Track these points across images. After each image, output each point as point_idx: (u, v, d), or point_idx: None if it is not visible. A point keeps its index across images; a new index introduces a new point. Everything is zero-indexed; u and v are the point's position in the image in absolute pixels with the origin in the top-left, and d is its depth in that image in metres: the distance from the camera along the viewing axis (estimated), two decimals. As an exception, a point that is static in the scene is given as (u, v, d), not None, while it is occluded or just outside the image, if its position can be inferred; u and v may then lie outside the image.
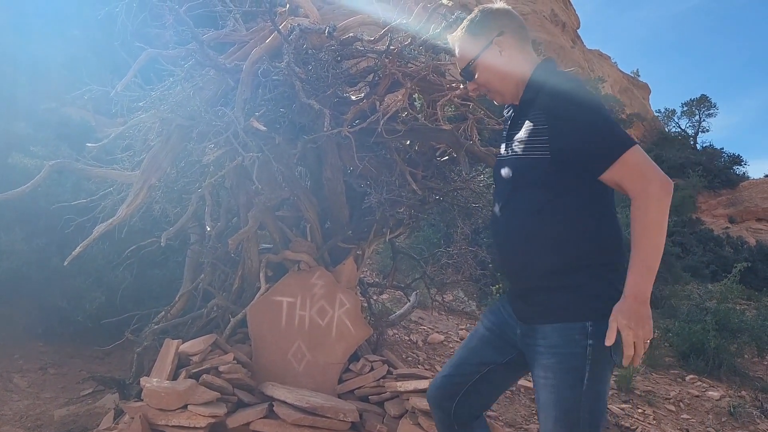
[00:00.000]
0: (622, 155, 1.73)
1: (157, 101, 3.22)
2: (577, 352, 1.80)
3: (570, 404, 1.82)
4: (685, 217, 21.93)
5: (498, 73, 1.95)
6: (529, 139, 1.85)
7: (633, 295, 1.71)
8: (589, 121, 1.77)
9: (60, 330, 4.59)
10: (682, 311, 8.97)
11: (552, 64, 2.00)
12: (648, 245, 1.73)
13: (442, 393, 2.16)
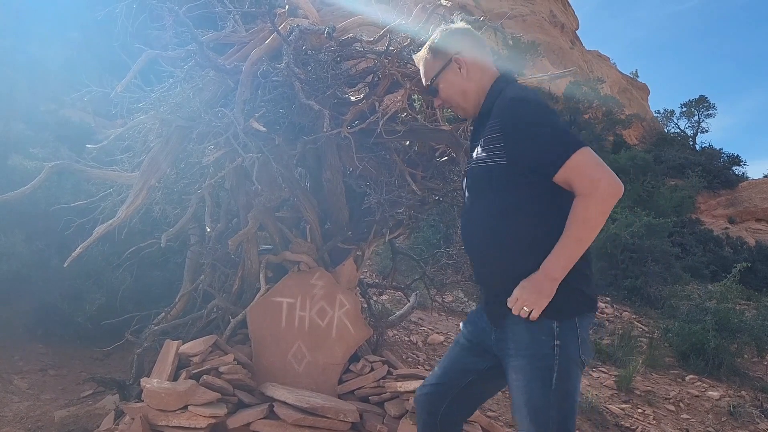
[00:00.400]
0: (571, 156, 1.80)
1: (157, 102, 3.22)
2: (545, 353, 1.87)
3: (540, 403, 1.88)
4: (684, 217, 21.91)
5: (458, 89, 2.07)
6: (487, 147, 1.93)
7: (543, 271, 1.83)
8: (540, 125, 1.85)
9: (60, 331, 4.59)
10: (682, 311, 8.96)
11: (509, 76, 2.11)
12: (575, 236, 1.81)
13: (432, 398, 2.21)
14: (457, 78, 2.06)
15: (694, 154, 37.59)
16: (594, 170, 1.80)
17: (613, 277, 11.40)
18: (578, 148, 1.80)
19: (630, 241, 11.36)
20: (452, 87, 2.08)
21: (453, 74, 2.06)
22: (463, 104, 2.10)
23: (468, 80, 2.05)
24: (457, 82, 2.06)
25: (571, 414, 1.92)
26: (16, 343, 4.48)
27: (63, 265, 3.26)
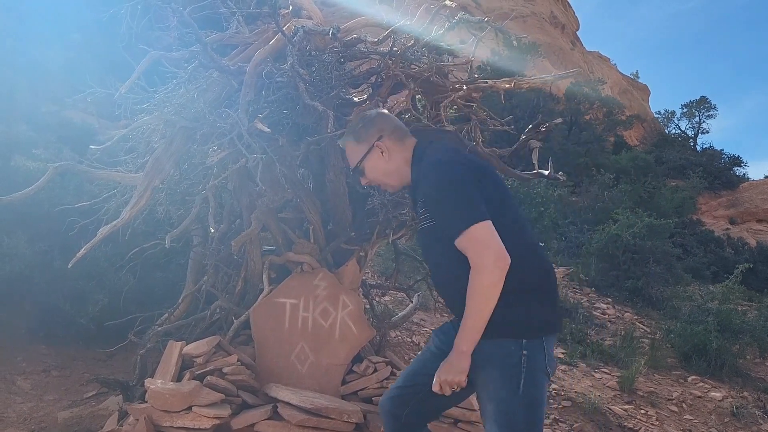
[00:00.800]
0: (467, 229, 2.00)
1: (161, 103, 3.21)
2: (513, 362, 2.01)
3: (508, 409, 2.02)
4: (685, 218, 21.91)
5: (382, 171, 2.31)
6: (422, 212, 2.18)
7: (456, 348, 2.03)
8: (446, 196, 2.07)
9: (63, 332, 4.59)
10: (684, 312, 8.97)
11: (425, 143, 2.32)
12: (474, 309, 2.00)
13: (395, 402, 2.35)
14: (381, 161, 2.28)
15: (695, 154, 37.62)
16: (483, 246, 1.99)
17: (615, 278, 11.39)
18: (474, 222, 2.00)
19: (631, 241, 11.34)
20: (377, 169, 2.31)
21: (376, 158, 2.28)
22: (388, 182, 2.34)
23: (390, 162, 2.28)
24: (381, 165, 2.29)
25: (538, 421, 2.05)
26: (19, 344, 4.48)
27: (66, 266, 3.26)
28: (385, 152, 2.27)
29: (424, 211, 2.16)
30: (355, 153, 2.32)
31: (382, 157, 2.28)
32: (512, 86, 3.09)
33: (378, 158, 2.28)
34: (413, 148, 2.29)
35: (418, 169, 2.22)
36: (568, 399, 5.23)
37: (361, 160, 2.30)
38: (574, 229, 15.06)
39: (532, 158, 3.18)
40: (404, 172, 2.29)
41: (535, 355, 2.03)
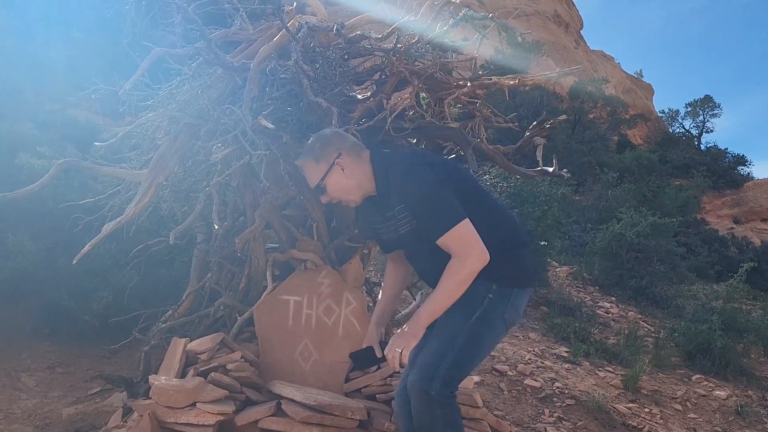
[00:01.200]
0: (451, 229, 2.20)
1: (165, 100, 3.22)
2: (476, 297, 2.27)
3: (453, 330, 2.28)
4: (689, 217, 21.85)
5: (344, 188, 2.42)
6: (400, 218, 2.37)
7: (413, 320, 2.25)
8: (427, 204, 2.26)
9: (67, 329, 4.61)
10: (688, 311, 8.95)
11: (380, 153, 2.52)
12: (445, 290, 2.22)
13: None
14: (342, 178, 2.40)
15: (699, 154, 37.52)
16: (469, 240, 2.19)
17: (619, 276, 11.38)
18: (456, 223, 2.20)
19: (635, 240, 11.33)
20: (338, 187, 2.42)
21: (337, 176, 2.39)
22: (349, 198, 2.47)
23: (350, 178, 2.40)
24: (342, 182, 2.41)
25: (473, 354, 2.33)
26: (24, 341, 4.49)
27: (70, 263, 3.26)
28: (346, 169, 2.38)
29: (405, 215, 2.34)
30: (315, 172, 2.42)
31: (343, 174, 2.39)
32: (516, 83, 3.08)
33: (339, 175, 2.40)
34: (370, 160, 2.43)
35: (385, 180, 2.38)
36: (572, 397, 5.22)
37: (322, 179, 2.40)
38: (577, 228, 15.06)
39: (537, 155, 3.17)
40: (366, 185, 2.43)
41: (498, 300, 2.30)
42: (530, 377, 5.55)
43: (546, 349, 6.86)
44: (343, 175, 2.38)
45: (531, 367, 5.84)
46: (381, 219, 2.52)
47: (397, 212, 2.37)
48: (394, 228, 2.44)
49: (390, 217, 2.42)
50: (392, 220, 2.42)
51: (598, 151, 26.44)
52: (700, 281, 13.86)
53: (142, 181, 3.14)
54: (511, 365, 5.82)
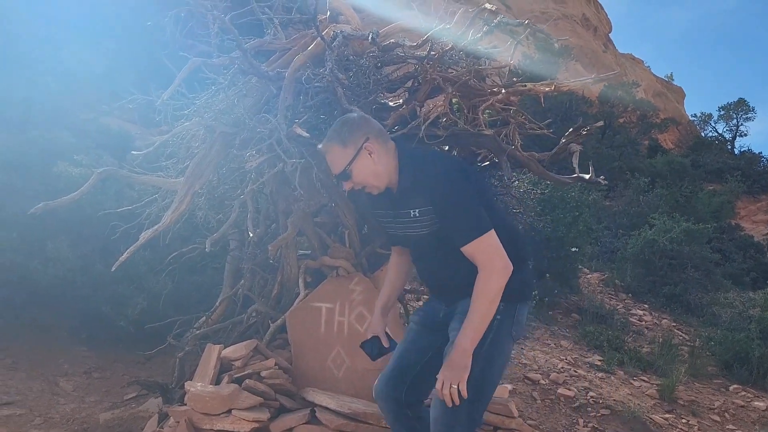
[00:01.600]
0: (478, 238, 2.22)
1: (201, 109, 3.26)
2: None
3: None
4: (723, 223, 21.39)
5: (372, 173, 2.35)
6: (423, 219, 2.36)
7: (457, 348, 2.19)
8: (459, 210, 2.27)
9: (103, 335, 4.68)
10: (724, 319, 8.76)
11: (408, 149, 2.49)
12: (481, 310, 2.21)
13: (392, 383, 2.49)
14: (369, 163, 2.33)
15: (732, 158, 36.78)
16: (495, 252, 2.22)
17: (652, 283, 11.19)
18: (484, 232, 2.22)
19: (668, 247, 11.14)
20: (365, 171, 2.34)
21: (365, 160, 2.33)
22: (376, 184, 2.39)
23: (378, 163, 2.34)
24: (369, 166, 2.34)
25: (493, 375, 2.33)
26: (62, 346, 4.58)
27: (107, 269, 3.32)
28: (374, 154, 2.33)
29: (430, 217, 2.33)
30: (341, 157, 2.34)
31: (370, 158, 2.33)
32: (552, 89, 3.05)
33: (366, 160, 2.33)
34: (396, 153, 2.40)
35: (412, 177, 2.35)
36: (607, 407, 5.14)
37: (349, 164, 2.32)
38: (608, 234, 14.84)
39: (573, 162, 3.14)
40: (392, 174, 2.39)
41: (505, 319, 2.30)
42: (563, 386, 5.48)
43: (579, 358, 6.77)
44: (371, 160, 2.33)
45: (564, 376, 5.76)
46: (392, 213, 2.49)
47: (420, 212, 2.36)
48: (410, 226, 2.43)
49: (405, 214, 2.41)
50: (407, 219, 2.41)
51: (628, 156, 26.08)
52: (735, 288, 13.55)
53: (179, 189, 3.18)
54: (544, 374, 5.75)
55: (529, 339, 7.21)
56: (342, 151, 2.32)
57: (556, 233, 9.07)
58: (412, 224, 2.41)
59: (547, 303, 8.72)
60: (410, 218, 2.40)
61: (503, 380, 5.14)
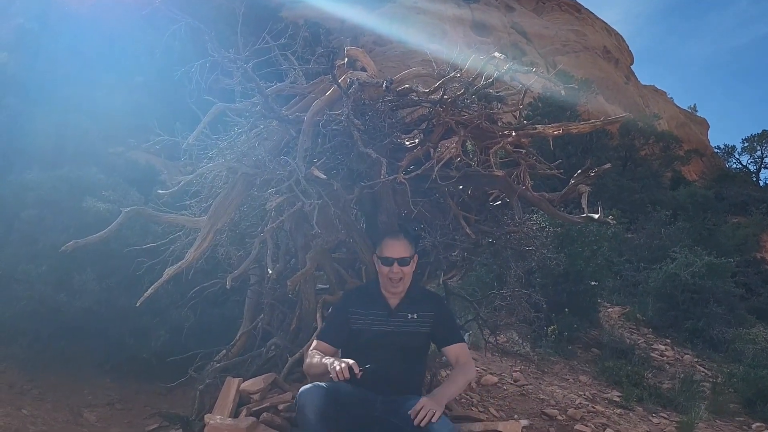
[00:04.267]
0: (464, 342, 3.30)
1: (225, 151, 3.41)
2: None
3: None
4: (748, 256, 21.11)
5: (410, 275, 3.25)
6: (424, 322, 3.24)
7: (438, 396, 2.92)
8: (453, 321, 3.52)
9: (127, 367, 4.79)
10: (748, 355, 8.64)
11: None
12: (459, 385, 3.19)
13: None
14: (412, 268, 3.26)
15: (757, 190, 36.36)
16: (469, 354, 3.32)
17: (674, 318, 11.08)
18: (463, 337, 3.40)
19: (690, 281, 11.04)
20: (410, 271, 3.24)
21: (413, 264, 3.27)
22: (406, 284, 3.24)
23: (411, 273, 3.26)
24: (411, 271, 3.25)
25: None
26: (87, 377, 4.70)
27: (131, 302, 3.45)
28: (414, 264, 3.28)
29: (427, 319, 3.21)
30: (407, 251, 3.21)
31: (413, 266, 3.25)
32: (560, 132, 3.15)
33: (414, 265, 3.26)
34: None
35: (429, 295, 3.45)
36: (624, 444, 5.12)
37: (410, 258, 3.21)
38: (629, 267, 14.75)
39: (582, 202, 3.22)
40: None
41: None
42: (581, 422, 5.46)
43: (597, 393, 6.73)
44: (412, 267, 3.25)
45: (581, 412, 5.74)
46: (386, 314, 3.20)
47: (420, 316, 3.20)
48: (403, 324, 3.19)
49: (402, 317, 3.19)
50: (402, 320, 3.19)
51: (650, 188, 25.96)
52: (760, 323, 13.33)
53: (202, 228, 3.31)
54: (561, 409, 5.73)
55: (548, 374, 7.20)
56: (409, 248, 3.22)
57: (574, 267, 9.07)
58: (411, 323, 3.20)
59: (567, 337, 8.68)
60: (413, 320, 3.20)
61: (516, 414, 5.15)
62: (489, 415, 5.09)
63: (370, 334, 3.17)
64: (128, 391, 4.72)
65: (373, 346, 3.17)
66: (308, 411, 2.73)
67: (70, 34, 12.94)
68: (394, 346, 3.15)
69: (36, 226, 4.94)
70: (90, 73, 12.06)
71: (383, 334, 3.16)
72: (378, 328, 3.17)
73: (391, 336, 3.15)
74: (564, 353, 8.26)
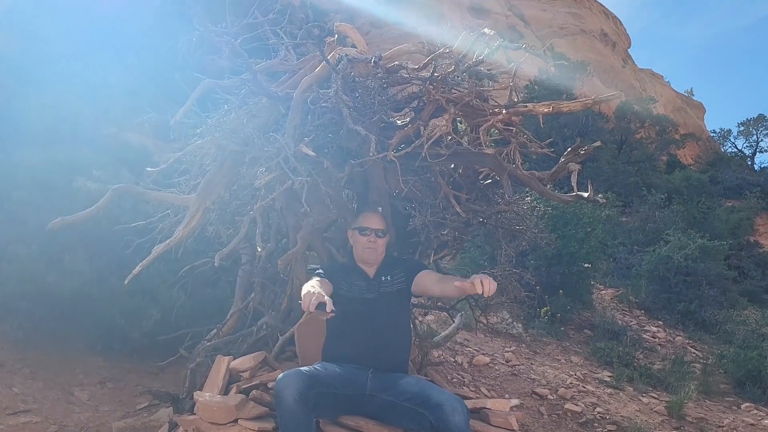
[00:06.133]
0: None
1: (213, 128, 3.38)
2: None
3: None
4: (742, 240, 21.19)
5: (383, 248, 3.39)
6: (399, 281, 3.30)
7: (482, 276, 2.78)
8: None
9: (118, 346, 4.80)
10: (738, 337, 8.70)
11: None
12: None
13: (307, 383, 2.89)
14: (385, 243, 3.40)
15: (752, 174, 36.39)
16: None
17: (666, 300, 11.13)
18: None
19: (683, 263, 11.08)
20: (384, 245, 3.38)
21: (386, 241, 3.41)
22: (380, 257, 3.38)
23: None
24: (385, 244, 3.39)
25: None
26: (78, 356, 4.70)
27: (122, 282, 3.43)
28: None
29: (403, 278, 3.28)
30: (383, 225, 3.38)
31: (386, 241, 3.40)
32: (551, 110, 3.12)
33: (386, 241, 3.40)
34: None
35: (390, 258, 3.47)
36: (614, 423, 5.15)
37: (386, 232, 3.37)
38: (623, 250, 14.79)
39: (572, 181, 3.20)
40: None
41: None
42: (571, 401, 5.50)
43: (588, 374, 6.77)
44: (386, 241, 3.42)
45: (572, 392, 5.78)
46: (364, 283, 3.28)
47: (393, 275, 3.29)
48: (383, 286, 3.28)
49: (380, 281, 3.29)
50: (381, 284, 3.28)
51: (645, 172, 25.94)
52: (752, 306, 13.42)
53: (190, 205, 3.29)
54: (552, 389, 5.77)
55: (540, 354, 7.24)
56: (384, 223, 3.38)
57: (568, 249, 9.09)
58: (385, 286, 3.28)
59: (560, 319, 8.72)
60: (384, 282, 3.28)
61: (507, 394, 5.18)
62: (480, 395, 5.12)
63: (354, 302, 3.23)
64: (120, 370, 4.73)
65: (357, 315, 3.21)
66: (287, 396, 2.70)
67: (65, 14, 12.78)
68: (378, 313, 3.21)
69: (26, 207, 4.93)
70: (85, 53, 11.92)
71: (368, 302, 3.23)
72: (362, 296, 3.25)
73: (373, 303, 3.23)
74: (556, 334, 8.30)
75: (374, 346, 3.14)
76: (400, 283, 3.28)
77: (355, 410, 3.05)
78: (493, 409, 3.26)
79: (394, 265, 3.39)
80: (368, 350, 3.13)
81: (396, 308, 3.29)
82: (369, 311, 3.23)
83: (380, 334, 3.18)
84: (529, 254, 9.19)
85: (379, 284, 3.29)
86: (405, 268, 3.34)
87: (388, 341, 3.19)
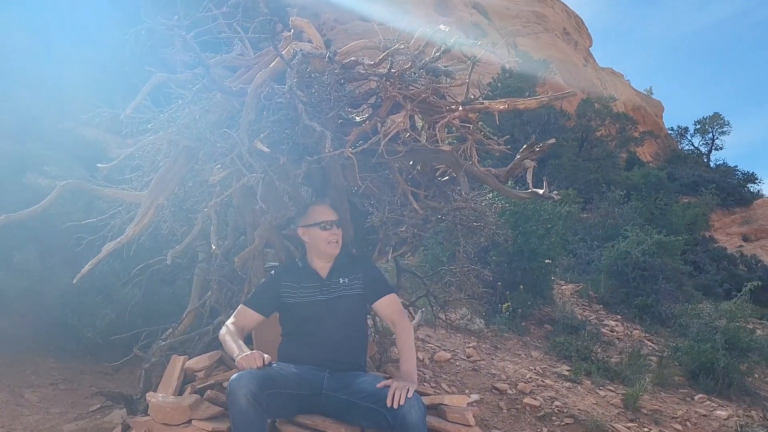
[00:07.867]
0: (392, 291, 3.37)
1: (166, 123, 3.31)
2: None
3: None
4: (697, 235, 21.77)
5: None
6: (354, 284, 3.27)
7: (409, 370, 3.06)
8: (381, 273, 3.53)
9: (71, 346, 4.69)
10: (692, 330, 8.92)
11: None
12: (411, 350, 3.19)
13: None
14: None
15: (708, 171, 37.45)
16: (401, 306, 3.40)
17: (624, 294, 11.36)
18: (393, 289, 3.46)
19: (641, 258, 11.32)
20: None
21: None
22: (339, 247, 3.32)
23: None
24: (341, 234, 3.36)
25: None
26: (28, 357, 4.58)
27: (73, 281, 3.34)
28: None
29: (359, 283, 3.26)
30: (336, 215, 3.35)
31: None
32: (507, 107, 3.14)
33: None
34: None
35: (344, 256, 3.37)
36: (571, 416, 5.23)
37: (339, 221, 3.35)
38: (584, 246, 15.04)
39: (527, 177, 3.23)
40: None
41: None
42: (530, 396, 5.56)
43: (547, 368, 6.86)
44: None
45: (531, 386, 5.85)
46: (317, 285, 3.23)
47: (350, 279, 3.24)
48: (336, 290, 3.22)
49: (333, 284, 3.24)
50: (335, 286, 3.23)
51: (605, 169, 26.43)
52: (707, 300, 13.78)
53: (142, 202, 3.22)
54: (512, 384, 5.83)
55: (501, 350, 7.31)
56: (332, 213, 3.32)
57: (529, 245, 9.20)
58: (338, 290, 3.22)
59: (521, 314, 8.83)
60: (338, 285, 3.22)
61: (467, 389, 5.21)
62: (440, 390, 5.14)
63: (305, 307, 3.20)
64: (73, 371, 4.62)
65: (310, 318, 3.19)
66: (239, 397, 2.65)
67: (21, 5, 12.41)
68: (332, 314, 3.17)
69: (-26, 204, 4.76)
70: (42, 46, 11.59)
71: (318, 304, 3.19)
72: (312, 299, 3.20)
73: (326, 304, 3.19)
74: (517, 329, 8.39)
75: (329, 346, 3.13)
76: (357, 289, 3.25)
77: (312, 410, 3.03)
78: (450, 405, 3.27)
79: (354, 268, 3.33)
80: (323, 351, 3.12)
81: (351, 308, 3.25)
82: (321, 313, 3.20)
83: (334, 335, 3.16)
84: (491, 250, 9.27)
85: (333, 286, 3.24)
86: (365, 278, 3.29)
87: (343, 341, 3.17)
